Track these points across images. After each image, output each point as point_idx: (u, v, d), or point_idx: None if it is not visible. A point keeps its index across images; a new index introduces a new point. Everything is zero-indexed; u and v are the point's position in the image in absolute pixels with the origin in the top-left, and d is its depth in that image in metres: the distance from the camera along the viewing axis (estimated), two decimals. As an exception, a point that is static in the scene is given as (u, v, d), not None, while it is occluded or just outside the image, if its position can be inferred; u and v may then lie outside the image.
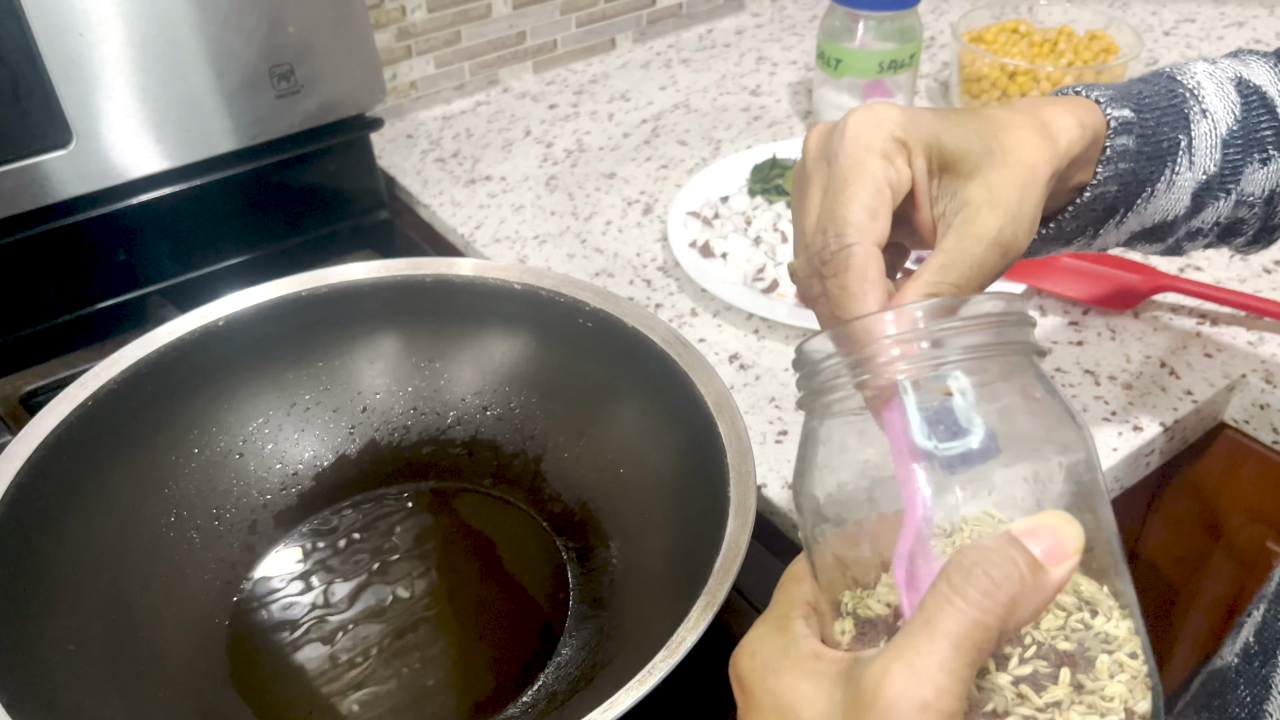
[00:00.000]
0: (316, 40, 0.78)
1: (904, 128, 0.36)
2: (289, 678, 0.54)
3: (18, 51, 0.67)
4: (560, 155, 0.97)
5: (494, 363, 0.64)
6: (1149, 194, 0.45)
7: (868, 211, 0.35)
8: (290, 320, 0.61)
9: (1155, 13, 1.17)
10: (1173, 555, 0.84)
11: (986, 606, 0.26)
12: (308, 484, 0.62)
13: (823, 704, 0.29)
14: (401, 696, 0.52)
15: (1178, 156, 0.44)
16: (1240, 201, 0.47)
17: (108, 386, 0.55)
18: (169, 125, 0.75)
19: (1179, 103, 0.45)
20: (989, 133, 0.38)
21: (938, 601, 0.27)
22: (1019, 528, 0.28)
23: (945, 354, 0.31)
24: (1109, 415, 0.67)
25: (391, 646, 0.55)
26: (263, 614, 0.56)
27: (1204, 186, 0.46)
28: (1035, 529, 0.28)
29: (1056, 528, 0.28)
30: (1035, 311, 0.76)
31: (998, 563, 0.27)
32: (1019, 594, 0.26)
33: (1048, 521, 0.28)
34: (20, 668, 0.45)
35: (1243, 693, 0.42)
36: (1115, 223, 0.46)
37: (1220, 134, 0.45)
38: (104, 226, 0.77)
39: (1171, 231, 0.48)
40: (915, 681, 0.26)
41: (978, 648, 0.26)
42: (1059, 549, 0.27)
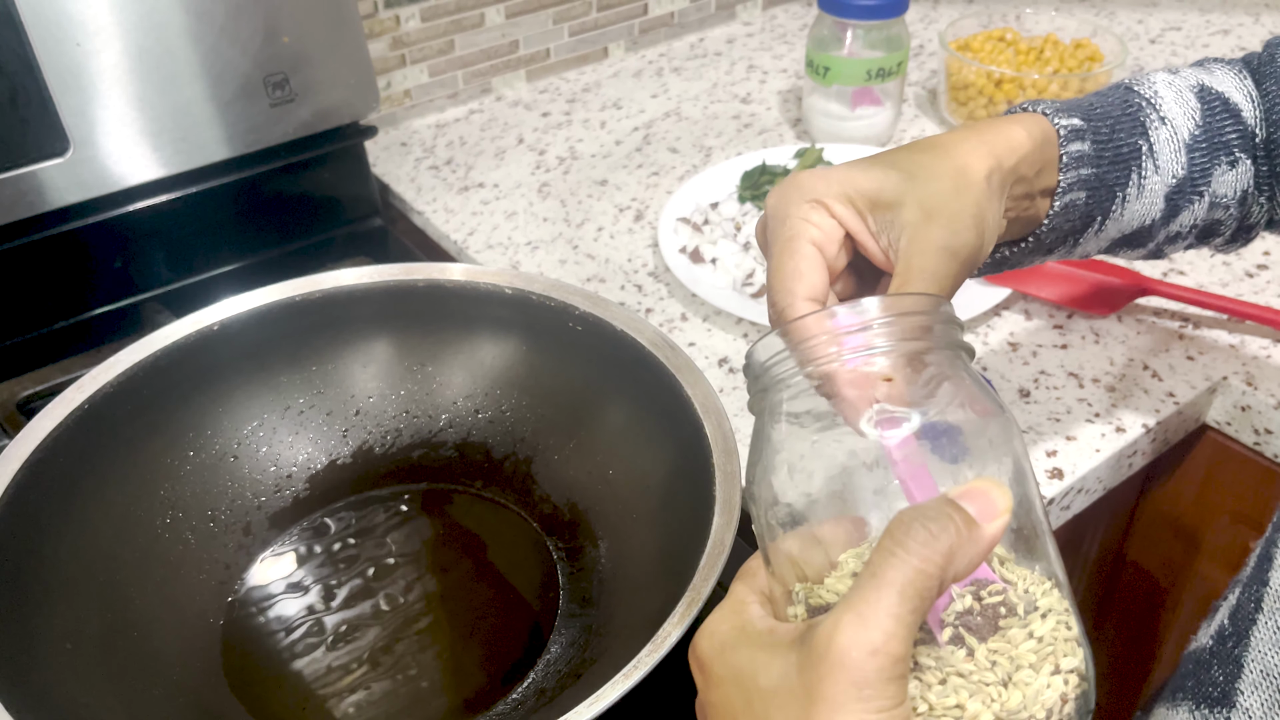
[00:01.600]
0: (311, 49, 0.79)
1: (813, 188, 0.40)
2: (282, 677, 0.54)
3: (16, 61, 0.68)
4: (553, 163, 0.99)
5: (485, 366, 0.65)
6: (1121, 200, 0.47)
7: (793, 275, 0.39)
8: (284, 325, 0.62)
9: (1141, 21, 1.18)
10: (1156, 557, 0.84)
11: (926, 555, 0.28)
12: (301, 486, 0.63)
13: (778, 668, 0.30)
14: (393, 693, 0.53)
15: (1142, 162, 0.46)
16: (1214, 204, 0.48)
17: (104, 390, 0.56)
18: (165, 134, 0.76)
19: (1134, 111, 0.47)
20: (906, 159, 0.41)
21: (882, 556, 0.29)
22: (954, 492, 0.30)
23: (882, 344, 0.34)
24: (1092, 417, 0.68)
25: (384, 646, 0.55)
26: (257, 614, 0.57)
27: (1175, 190, 0.47)
28: (967, 492, 0.30)
29: (986, 489, 0.30)
30: (1019, 315, 0.77)
31: (934, 517, 0.29)
32: (955, 544, 0.29)
33: (978, 485, 0.30)
34: (18, 665, 0.46)
35: (1216, 673, 0.43)
36: (1094, 231, 0.48)
37: (1182, 139, 0.47)
38: (100, 234, 0.78)
39: (1151, 236, 0.49)
40: (864, 628, 0.28)
41: (920, 595, 0.28)
42: (990, 507, 0.30)
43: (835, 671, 0.28)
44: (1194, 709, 0.44)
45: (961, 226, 0.39)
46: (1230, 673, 0.42)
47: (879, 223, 0.40)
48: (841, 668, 0.28)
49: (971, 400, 0.34)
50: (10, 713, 0.42)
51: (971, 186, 0.40)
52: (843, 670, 0.28)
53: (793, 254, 0.39)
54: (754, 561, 0.36)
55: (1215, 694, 0.43)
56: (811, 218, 0.40)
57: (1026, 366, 0.72)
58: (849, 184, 0.40)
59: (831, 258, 0.40)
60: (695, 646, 0.34)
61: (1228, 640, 0.43)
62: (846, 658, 0.28)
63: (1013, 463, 0.34)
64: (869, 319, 0.34)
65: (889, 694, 0.28)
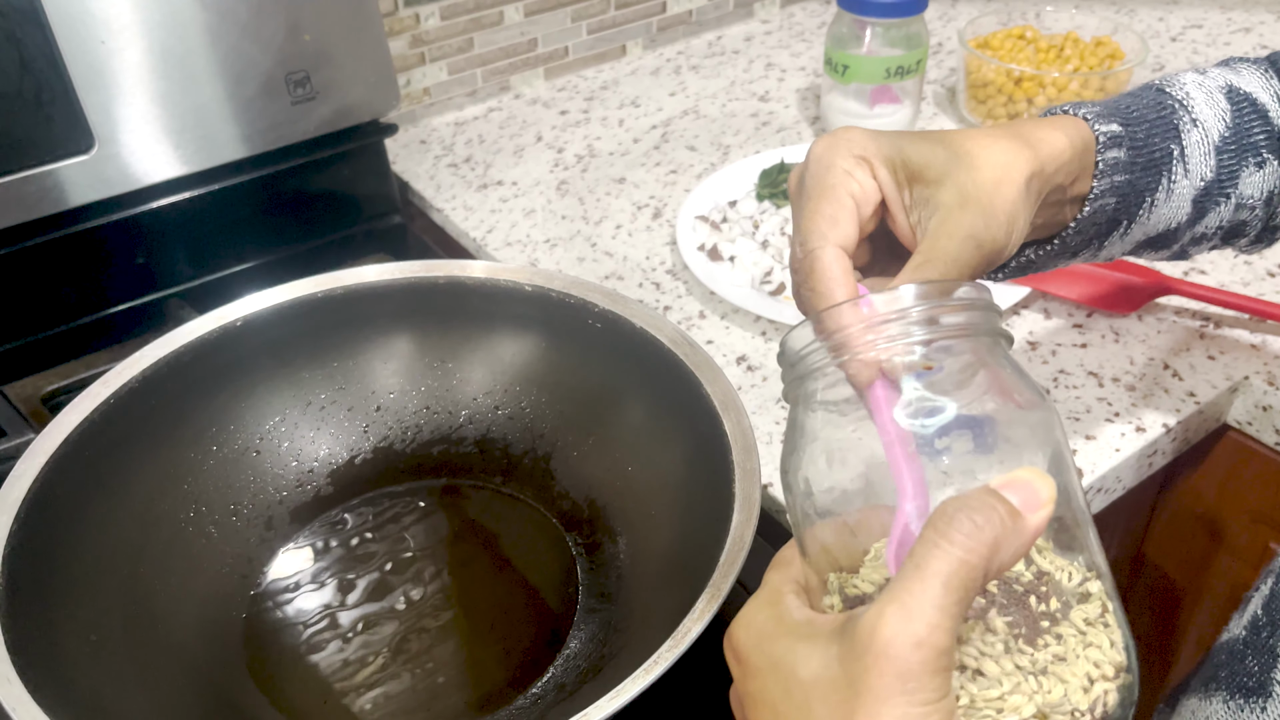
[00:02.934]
0: (332, 48, 0.80)
1: (863, 145, 0.39)
2: (304, 669, 0.55)
3: (41, 59, 0.69)
4: (571, 160, 0.99)
5: (504, 363, 0.65)
6: (1149, 204, 0.46)
7: (828, 220, 0.38)
8: (306, 321, 0.62)
9: (1162, 19, 1.18)
10: (1176, 557, 0.84)
11: (971, 546, 0.28)
12: (323, 481, 0.63)
13: (818, 659, 0.30)
14: (414, 687, 0.54)
15: (1172, 166, 0.46)
16: (1240, 205, 0.48)
17: (129, 385, 0.57)
18: (187, 131, 0.77)
19: (1168, 114, 0.46)
20: (957, 143, 0.40)
21: (925, 547, 0.28)
22: (996, 482, 0.30)
23: (920, 333, 0.33)
24: (1112, 417, 0.68)
25: (404, 640, 0.56)
26: (278, 607, 0.58)
27: (1203, 193, 0.47)
28: (1010, 482, 0.30)
29: (1029, 480, 0.30)
30: (1039, 313, 0.77)
31: (978, 508, 0.29)
32: (1000, 536, 0.28)
33: (1021, 475, 0.30)
34: (44, 657, 0.46)
35: (1250, 663, 0.43)
36: (1120, 234, 0.47)
37: (1213, 141, 0.46)
38: (123, 231, 0.79)
39: (1176, 239, 0.49)
40: (908, 619, 0.28)
41: (965, 586, 0.28)
42: (1033, 498, 0.29)
43: (879, 663, 0.28)
44: (1229, 699, 0.44)
45: (993, 221, 0.39)
46: (1266, 662, 0.42)
47: (915, 197, 0.39)
48: (886, 659, 0.28)
49: (1009, 389, 0.34)
50: (38, 703, 0.43)
51: (1012, 185, 0.39)
52: (887, 662, 0.28)
53: (831, 200, 0.38)
54: (788, 550, 0.36)
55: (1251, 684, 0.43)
56: (855, 173, 0.39)
57: (1046, 365, 0.72)
58: (897, 151, 0.39)
59: (865, 219, 0.39)
60: (731, 636, 0.34)
61: (1262, 630, 0.43)
62: (891, 649, 0.28)
63: (1053, 451, 0.33)
64: (906, 307, 0.33)
65: (934, 686, 0.28)
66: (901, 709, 0.28)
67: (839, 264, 0.37)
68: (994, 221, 0.39)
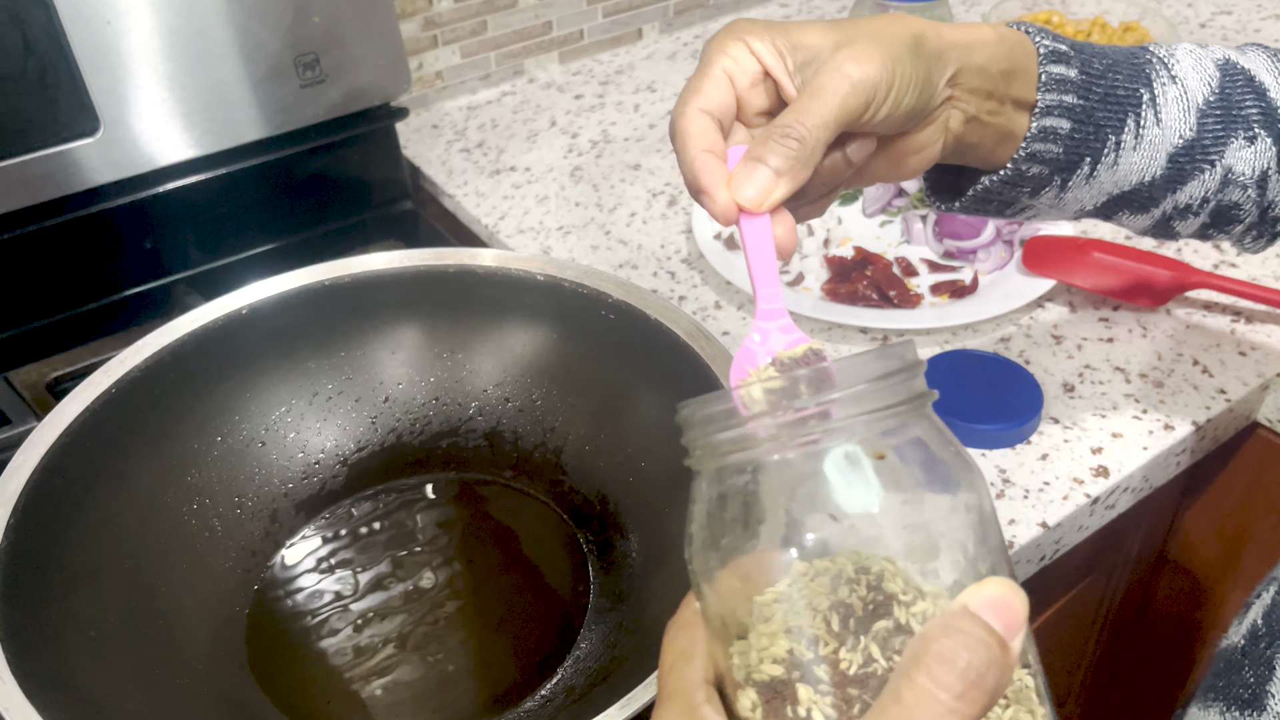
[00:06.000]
0: (342, 30, 0.78)
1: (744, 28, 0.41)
2: (308, 666, 0.54)
3: (46, 40, 0.68)
4: (585, 146, 0.97)
5: (515, 354, 0.63)
6: (1115, 145, 0.45)
7: (693, 90, 0.40)
8: (313, 309, 0.61)
9: (1190, 4, 1.15)
10: (1201, 556, 0.82)
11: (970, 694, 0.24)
12: (329, 473, 0.62)
13: None
14: (420, 687, 0.52)
15: (1141, 110, 0.45)
16: (1230, 180, 0.47)
17: (131, 374, 0.56)
18: (195, 114, 0.75)
19: (1141, 64, 0.46)
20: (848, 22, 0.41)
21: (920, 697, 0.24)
22: (975, 602, 0.25)
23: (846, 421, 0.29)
24: (1140, 413, 0.66)
25: (410, 637, 0.55)
26: (283, 602, 0.57)
27: (1181, 151, 0.46)
28: (991, 603, 0.25)
29: (1008, 599, 0.26)
30: (1064, 306, 0.75)
31: (974, 647, 0.24)
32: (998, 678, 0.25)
33: (999, 593, 0.26)
34: (41, 653, 0.45)
35: (1247, 674, 0.41)
36: (1085, 176, 0.46)
37: (1195, 102, 0.46)
38: (130, 214, 0.77)
39: (1154, 199, 0.47)
40: None
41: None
42: (1014, 621, 0.25)
43: None
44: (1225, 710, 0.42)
45: (867, 58, 0.38)
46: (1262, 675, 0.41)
47: (798, 63, 0.40)
48: None
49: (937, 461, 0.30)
50: (31, 702, 0.42)
51: (895, 38, 0.39)
52: None
53: (701, 75, 0.40)
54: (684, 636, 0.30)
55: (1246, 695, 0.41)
56: (730, 50, 0.40)
57: (1071, 360, 0.70)
58: (777, 29, 0.41)
59: (743, 89, 0.40)
60: None
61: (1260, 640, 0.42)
62: None
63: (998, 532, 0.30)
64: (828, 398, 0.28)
65: None
66: None
67: (696, 122, 0.39)
68: (869, 60, 0.38)
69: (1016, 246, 0.79)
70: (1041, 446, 0.64)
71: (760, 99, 0.41)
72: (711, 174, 0.38)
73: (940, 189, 0.50)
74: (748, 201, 0.37)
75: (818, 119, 0.38)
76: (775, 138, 0.37)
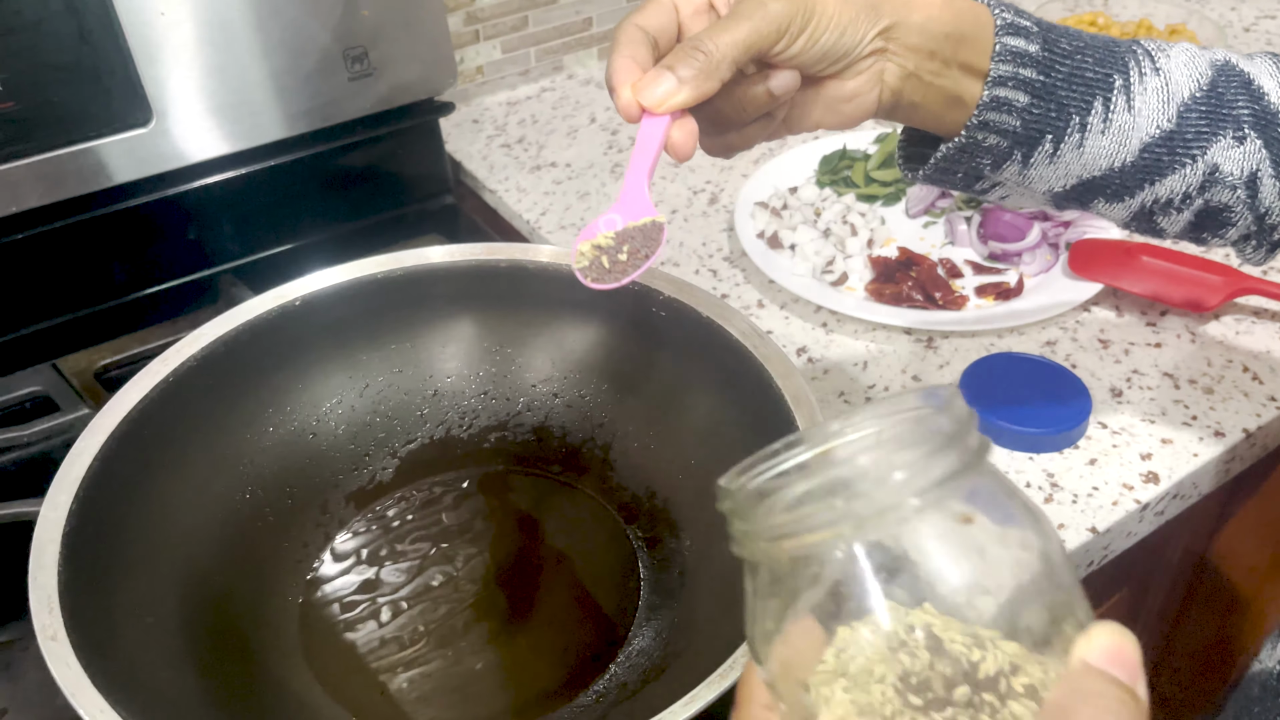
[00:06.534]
0: (390, 23, 0.78)
1: None
2: (360, 658, 0.54)
3: (101, 30, 0.68)
4: (625, 143, 0.97)
5: (564, 350, 0.64)
6: (1080, 127, 0.45)
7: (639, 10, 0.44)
8: (365, 302, 0.61)
9: (1234, 8, 1.14)
10: (1244, 564, 0.82)
11: None
12: (378, 465, 0.62)
13: None
14: (473, 680, 0.53)
15: (1111, 95, 0.45)
16: (1216, 179, 0.46)
17: (188, 363, 0.56)
18: (244, 106, 0.76)
19: (1121, 52, 0.46)
20: None
21: None
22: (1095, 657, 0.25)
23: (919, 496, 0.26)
24: (1189, 420, 0.65)
25: (462, 629, 0.55)
26: (335, 593, 0.57)
27: (1158, 142, 0.46)
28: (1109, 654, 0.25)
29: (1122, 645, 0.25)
30: (1110, 310, 0.74)
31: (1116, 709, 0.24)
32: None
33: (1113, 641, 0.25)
34: (102, 639, 0.45)
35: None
36: (1047, 154, 0.46)
37: (1179, 96, 0.46)
38: (178, 205, 0.78)
39: (1126, 189, 0.47)
40: None
41: None
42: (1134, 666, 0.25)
43: None
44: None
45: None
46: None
47: None
48: None
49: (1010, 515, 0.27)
50: (96, 687, 0.42)
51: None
52: None
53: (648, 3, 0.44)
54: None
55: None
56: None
57: (1118, 365, 0.70)
58: None
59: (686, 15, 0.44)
60: None
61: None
62: None
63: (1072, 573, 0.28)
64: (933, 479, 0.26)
65: None
66: None
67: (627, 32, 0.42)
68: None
69: (1062, 249, 0.78)
70: (1090, 451, 0.64)
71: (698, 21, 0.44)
72: (623, 74, 0.42)
73: (911, 159, 0.51)
74: (648, 101, 0.41)
75: (727, 38, 0.41)
76: (686, 49, 0.41)
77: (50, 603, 0.44)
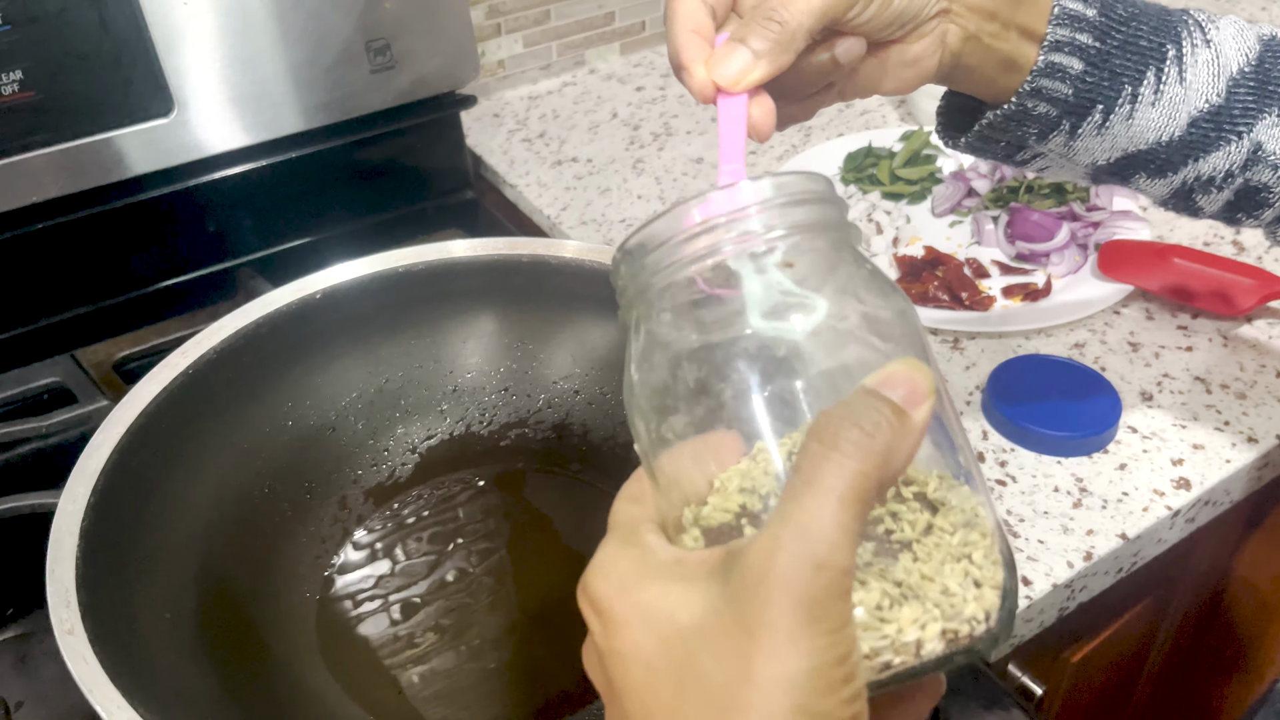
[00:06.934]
0: (413, 15, 0.78)
1: None
2: (378, 655, 0.53)
3: (123, 19, 0.68)
4: (647, 139, 0.96)
5: (586, 346, 0.63)
6: (1131, 97, 0.44)
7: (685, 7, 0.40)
8: (386, 296, 0.60)
9: (1265, 8, 1.12)
10: (1270, 572, 0.80)
11: (863, 456, 0.26)
12: (397, 461, 0.62)
13: (699, 602, 0.26)
14: (493, 681, 0.52)
15: (1164, 66, 0.44)
16: (1258, 158, 0.45)
17: (207, 356, 0.55)
18: (265, 98, 0.75)
19: (1173, 21, 0.44)
20: None
21: (814, 461, 0.26)
22: (872, 381, 0.28)
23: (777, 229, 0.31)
24: (1221, 425, 0.64)
25: (486, 631, 0.54)
26: (353, 590, 0.56)
27: (1206, 117, 0.44)
28: (889, 377, 0.28)
29: (909, 373, 0.28)
30: (1140, 313, 0.73)
31: (864, 412, 0.27)
32: (891, 441, 0.26)
33: (897, 369, 0.28)
34: (121, 635, 0.45)
35: None
36: (1096, 125, 0.45)
37: (1228, 70, 0.44)
38: (198, 197, 0.77)
39: (1171, 164, 0.46)
40: (805, 541, 0.25)
41: (861, 499, 0.26)
42: (915, 392, 0.28)
43: (778, 593, 0.25)
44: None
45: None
46: None
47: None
48: (785, 587, 0.25)
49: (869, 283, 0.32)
50: (115, 684, 0.42)
51: None
52: (786, 590, 0.25)
53: None
54: (634, 486, 0.32)
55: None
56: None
57: (1148, 368, 0.69)
58: None
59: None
60: (587, 587, 0.29)
61: None
62: (790, 575, 0.25)
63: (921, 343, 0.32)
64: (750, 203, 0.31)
65: (839, 613, 0.25)
66: (809, 640, 0.25)
67: (686, 4, 0.39)
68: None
69: (1091, 250, 0.77)
70: (1119, 456, 0.63)
71: None
72: (692, 51, 0.38)
73: (950, 126, 0.50)
74: (724, 80, 0.38)
75: (802, 5, 0.38)
76: (759, 20, 0.38)
77: (68, 597, 0.44)
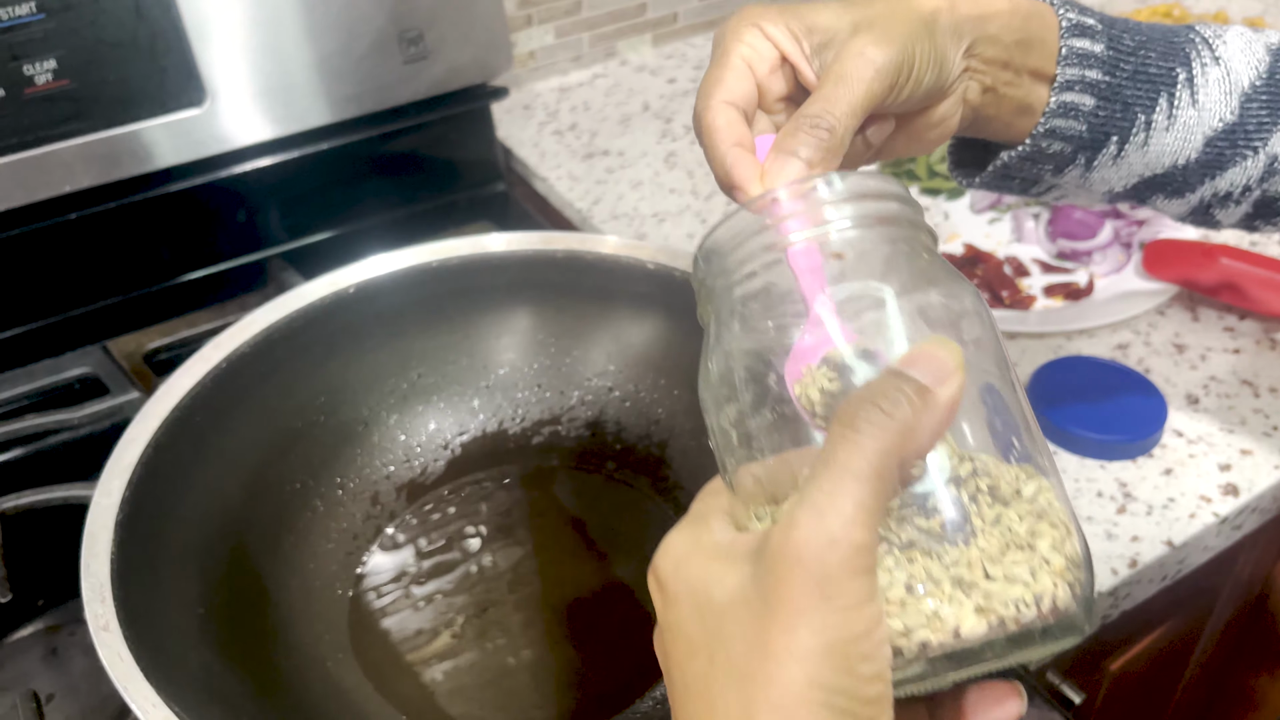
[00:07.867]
0: (446, 4, 0.77)
1: (756, 14, 0.40)
2: (412, 656, 0.53)
3: (158, 8, 0.67)
4: (679, 131, 0.95)
5: (622, 344, 0.62)
6: (1145, 125, 0.43)
7: (714, 81, 0.39)
8: (420, 290, 0.60)
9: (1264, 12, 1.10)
10: (1314, 580, 0.79)
11: (879, 433, 0.26)
12: (430, 458, 0.61)
13: (733, 579, 0.28)
14: (531, 682, 0.51)
15: (1175, 90, 0.43)
16: (1276, 170, 0.44)
17: (240, 349, 0.55)
18: (298, 88, 0.74)
19: (1180, 43, 0.44)
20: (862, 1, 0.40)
21: (834, 441, 0.27)
22: (899, 362, 0.29)
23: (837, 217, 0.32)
24: (1269, 430, 0.63)
25: (521, 631, 0.53)
26: (385, 587, 0.56)
27: (1221, 136, 0.44)
28: (913, 357, 0.28)
29: (932, 351, 0.28)
30: (1185, 313, 0.72)
31: (884, 392, 0.27)
32: (910, 417, 0.27)
33: (923, 348, 0.29)
34: (155, 631, 0.45)
35: None
36: (1112, 156, 0.44)
37: (1240, 86, 0.43)
38: (230, 188, 0.77)
39: (1189, 185, 0.45)
40: (820, 518, 0.26)
41: (880, 477, 0.26)
42: (940, 369, 0.28)
43: (793, 570, 0.26)
44: None
45: (887, 40, 0.38)
46: None
47: (814, 47, 0.39)
48: (799, 564, 0.26)
49: (936, 276, 0.32)
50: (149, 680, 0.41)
51: (911, 16, 0.39)
52: (800, 567, 0.25)
53: (720, 65, 0.39)
54: (716, 483, 0.34)
55: None
56: (745, 36, 0.39)
57: (1194, 371, 0.67)
58: (791, 13, 0.40)
59: (762, 76, 0.39)
60: (655, 568, 0.31)
61: None
62: (804, 552, 0.25)
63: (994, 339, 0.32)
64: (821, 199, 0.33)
65: (855, 589, 0.26)
66: (821, 617, 0.25)
67: (722, 115, 0.38)
68: (887, 40, 0.38)
69: (1135, 249, 0.76)
70: (1164, 460, 0.62)
71: (779, 85, 0.40)
72: (745, 169, 0.37)
73: (963, 163, 0.49)
74: None
75: (846, 106, 0.37)
76: (805, 128, 0.37)
77: (103, 592, 0.43)
